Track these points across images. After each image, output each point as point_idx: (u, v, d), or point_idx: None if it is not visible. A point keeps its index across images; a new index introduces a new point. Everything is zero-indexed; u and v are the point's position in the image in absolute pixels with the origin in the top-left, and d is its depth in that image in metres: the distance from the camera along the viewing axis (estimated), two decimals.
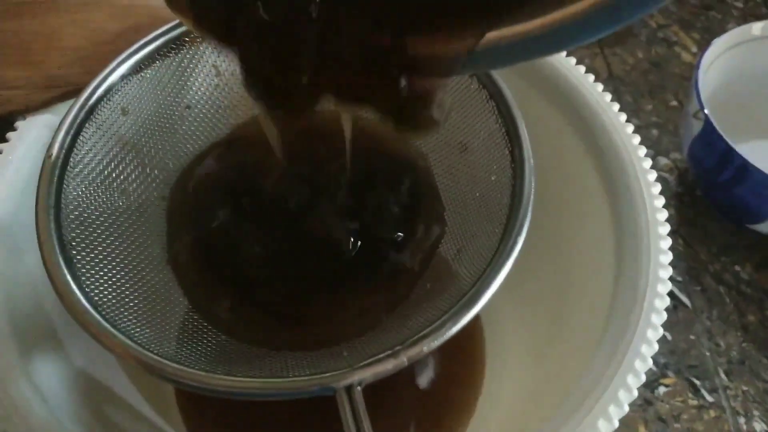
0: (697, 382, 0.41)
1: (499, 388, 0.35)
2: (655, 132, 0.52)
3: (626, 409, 0.26)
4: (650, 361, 0.27)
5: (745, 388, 0.41)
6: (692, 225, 0.47)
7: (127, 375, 0.33)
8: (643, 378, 0.27)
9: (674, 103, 0.53)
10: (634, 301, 0.28)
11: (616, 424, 0.25)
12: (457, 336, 0.24)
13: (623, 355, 0.27)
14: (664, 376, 0.41)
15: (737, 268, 0.45)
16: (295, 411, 0.35)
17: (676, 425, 0.40)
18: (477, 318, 0.37)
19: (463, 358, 0.37)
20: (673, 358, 0.42)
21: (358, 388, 0.22)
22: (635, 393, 0.26)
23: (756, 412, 0.40)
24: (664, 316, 0.28)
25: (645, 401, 0.40)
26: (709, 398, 0.40)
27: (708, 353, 0.42)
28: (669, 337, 0.43)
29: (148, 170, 0.32)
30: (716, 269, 0.45)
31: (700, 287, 0.45)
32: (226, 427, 0.36)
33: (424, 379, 0.36)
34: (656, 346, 0.27)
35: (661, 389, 0.41)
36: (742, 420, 0.40)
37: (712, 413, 0.40)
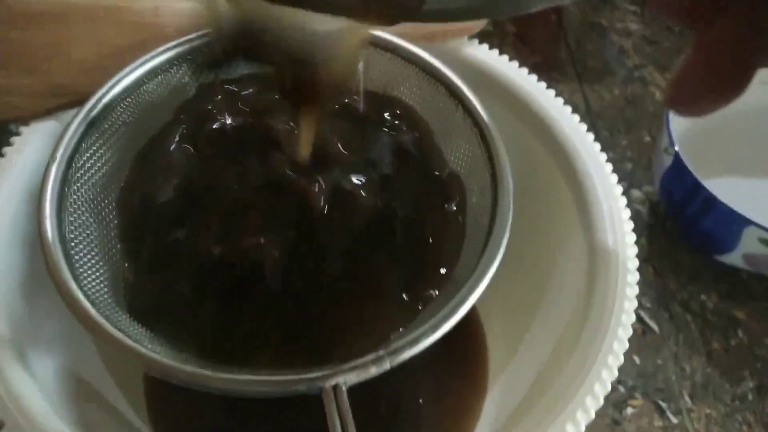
0: (663, 404, 0.43)
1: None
2: (629, 165, 0.54)
3: (593, 415, 0.27)
4: (609, 386, 0.28)
5: (707, 411, 0.43)
6: (663, 255, 0.49)
7: (110, 374, 0.34)
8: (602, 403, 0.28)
9: (648, 139, 0.56)
10: (598, 332, 0.29)
11: (583, 428, 0.27)
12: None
13: (581, 385, 0.28)
14: (632, 397, 0.43)
15: (703, 297, 0.48)
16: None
17: None
18: (479, 327, 0.41)
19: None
20: (641, 380, 0.44)
21: (343, 388, 0.23)
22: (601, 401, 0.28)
23: None
24: (626, 345, 0.29)
25: (613, 421, 0.42)
26: (674, 420, 0.42)
27: (674, 377, 0.44)
28: (637, 360, 0.44)
29: None
30: (684, 298, 0.47)
31: (668, 314, 0.47)
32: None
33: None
34: (616, 373, 0.29)
35: (629, 410, 0.42)
36: None
37: None
